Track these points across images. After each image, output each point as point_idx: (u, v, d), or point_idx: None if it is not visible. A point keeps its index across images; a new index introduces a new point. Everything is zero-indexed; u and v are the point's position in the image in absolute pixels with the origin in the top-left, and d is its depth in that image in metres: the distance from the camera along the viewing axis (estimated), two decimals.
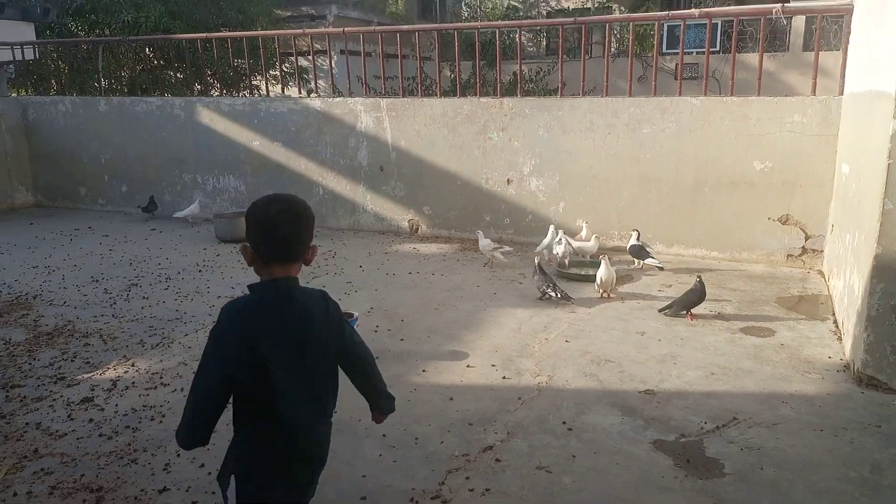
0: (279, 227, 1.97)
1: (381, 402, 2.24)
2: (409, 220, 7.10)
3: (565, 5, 21.70)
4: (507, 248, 5.84)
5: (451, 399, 3.41)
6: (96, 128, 8.47)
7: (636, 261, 5.63)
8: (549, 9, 22.06)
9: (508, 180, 6.56)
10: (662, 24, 6.80)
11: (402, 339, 4.22)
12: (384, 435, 3.05)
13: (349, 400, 3.35)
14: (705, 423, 3.14)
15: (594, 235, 5.78)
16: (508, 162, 6.54)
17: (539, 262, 4.97)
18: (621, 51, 16.08)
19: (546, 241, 5.70)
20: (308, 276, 5.37)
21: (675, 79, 6.19)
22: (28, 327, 4.48)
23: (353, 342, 2.16)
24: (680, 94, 5.94)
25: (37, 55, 9.73)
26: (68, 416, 3.25)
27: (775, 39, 15.85)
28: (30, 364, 3.88)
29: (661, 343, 4.09)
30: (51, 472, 2.78)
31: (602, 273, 4.85)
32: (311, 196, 7.41)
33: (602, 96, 6.23)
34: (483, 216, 6.70)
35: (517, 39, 7.79)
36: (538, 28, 18.68)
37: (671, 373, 3.68)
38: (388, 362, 3.86)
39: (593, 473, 2.76)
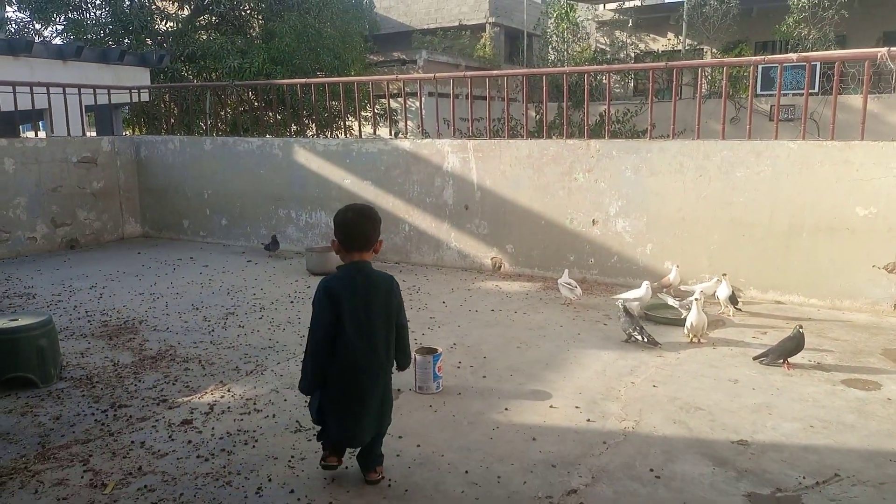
0: (354, 227, 2.85)
1: (400, 358, 3.02)
2: (491, 258, 7.16)
3: (653, 48, 21.60)
4: (578, 290, 5.68)
5: (533, 439, 3.39)
6: (201, 165, 9.02)
7: (723, 306, 5.42)
8: (636, 51, 22.01)
9: (594, 221, 6.53)
10: (757, 66, 6.66)
11: (483, 377, 4.23)
12: (466, 472, 3.06)
13: (430, 435, 3.42)
14: (803, 477, 2.99)
15: (716, 278, 5.47)
16: (594, 202, 6.51)
17: (625, 305, 4.89)
18: (712, 92, 15.79)
19: (638, 293, 5.33)
20: None
21: (770, 120, 6.05)
22: (134, 350, 4.77)
23: (401, 314, 2.98)
24: (776, 138, 5.79)
25: (150, 97, 10.50)
26: (169, 437, 3.43)
27: (880, 80, 15.19)
28: (135, 385, 4.12)
29: (756, 392, 3.93)
30: (153, 490, 2.93)
31: (693, 317, 4.72)
32: (397, 232, 7.61)
33: (693, 139, 6.15)
34: (567, 256, 6.67)
35: (605, 82, 7.81)
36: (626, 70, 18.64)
37: (766, 424, 3.53)
38: (469, 399, 3.88)
39: None
